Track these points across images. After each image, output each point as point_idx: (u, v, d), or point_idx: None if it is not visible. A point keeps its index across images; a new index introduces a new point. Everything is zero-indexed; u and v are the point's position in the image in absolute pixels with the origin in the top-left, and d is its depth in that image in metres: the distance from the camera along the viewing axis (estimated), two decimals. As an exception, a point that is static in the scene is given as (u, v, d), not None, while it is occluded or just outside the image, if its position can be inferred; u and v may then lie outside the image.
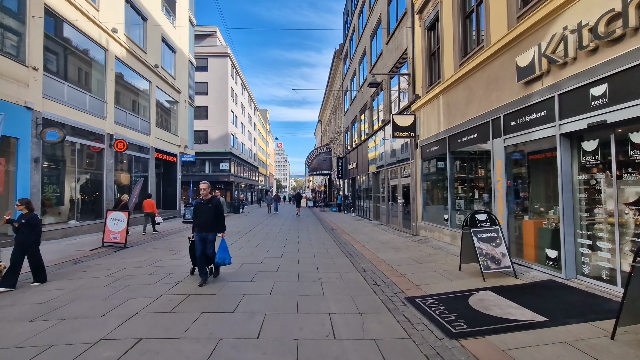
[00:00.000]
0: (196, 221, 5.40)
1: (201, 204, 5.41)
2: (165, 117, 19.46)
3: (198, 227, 5.36)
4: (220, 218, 5.51)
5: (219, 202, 5.60)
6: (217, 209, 5.43)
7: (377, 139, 15.91)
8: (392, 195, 13.55)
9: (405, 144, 11.72)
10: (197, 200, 5.54)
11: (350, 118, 24.01)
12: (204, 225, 5.33)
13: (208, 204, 5.38)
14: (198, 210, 5.40)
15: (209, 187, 5.50)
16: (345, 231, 12.64)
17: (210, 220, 5.34)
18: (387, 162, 13.90)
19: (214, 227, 5.42)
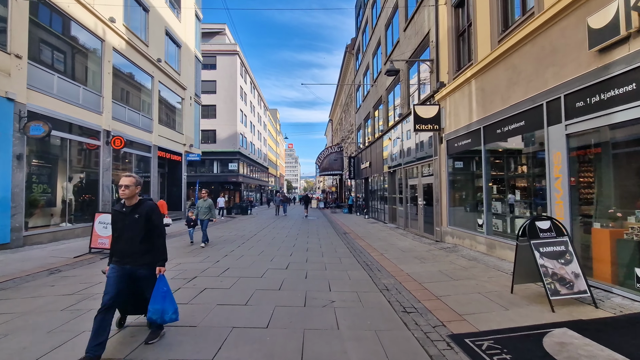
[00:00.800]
0: (114, 245, 3.19)
1: (121, 213, 3.17)
2: (170, 114, 18.65)
3: (117, 256, 3.14)
4: (155, 239, 3.23)
5: (154, 211, 3.23)
6: (148, 222, 3.16)
7: (393, 135, 14.66)
8: (411, 196, 12.29)
9: (427, 140, 10.47)
10: (116, 207, 3.28)
11: (362, 115, 22.80)
12: (126, 252, 3.12)
13: (134, 213, 3.15)
14: (117, 226, 3.17)
15: (135, 183, 3.18)
16: (359, 236, 11.45)
17: (136, 244, 3.12)
18: (405, 160, 12.64)
19: (144, 256, 3.18)
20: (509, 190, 6.80)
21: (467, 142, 7.86)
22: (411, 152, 12.03)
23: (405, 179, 12.81)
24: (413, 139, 11.80)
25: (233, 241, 10.13)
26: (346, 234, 12.29)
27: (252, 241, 10.13)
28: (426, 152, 10.60)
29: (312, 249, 8.68)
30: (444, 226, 9.14)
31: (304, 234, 12.29)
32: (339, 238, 11.10)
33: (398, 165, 13.62)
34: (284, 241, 10.18)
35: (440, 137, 9.29)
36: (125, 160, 14.23)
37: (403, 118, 12.84)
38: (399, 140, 13.54)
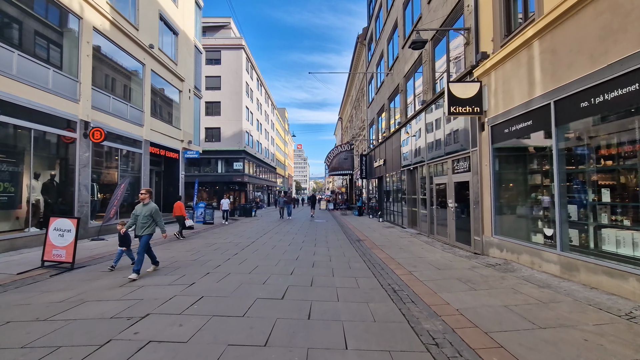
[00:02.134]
0: None
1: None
2: (165, 107, 17.10)
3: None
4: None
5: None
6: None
7: (412, 128, 12.75)
8: (437, 197, 10.36)
9: (461, 129, 8.56)
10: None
11: (375, 109, 20.91)
12: None
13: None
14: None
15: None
16: (375, 244, 9.59)
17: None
18: (431, 155, 10.73)
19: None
20: (591, 189, 4.86)
21: (525, 126, 5.93)
22: (439, 145, 10.12)
23: (430, 177, 10.89)
24: (442, 130, 9.89)
25: (224, 251, 8.38)
26: (360, 241, 10.44)
27: (247, 251, 8.37)
28: (460, 144, 8.68)
29: (320, 264, 6.85)
30: (487, 235, 7.21)
31: (311, 241, 10.48)
32: (351, 247, 9.26)
33: (420, 162, 11.70)
34: (286, 252, 8.39)
35: (482, 122, 7.36)
36: (110, 156, 12.68)
37: (427, 106, 10.93)
38: (422, 132, 11.63)
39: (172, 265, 6.70)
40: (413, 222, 13.27)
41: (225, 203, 16.72)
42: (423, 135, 11.46)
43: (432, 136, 10.74)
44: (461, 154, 8.47)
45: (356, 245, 9.53)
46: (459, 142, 8.81)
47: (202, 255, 7.88)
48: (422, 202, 11.73)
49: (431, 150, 10.75)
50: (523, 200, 6.45)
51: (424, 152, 11.27)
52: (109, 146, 12.27)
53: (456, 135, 9.01)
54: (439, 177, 10.16)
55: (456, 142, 8.98)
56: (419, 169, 11.93)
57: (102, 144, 11.63)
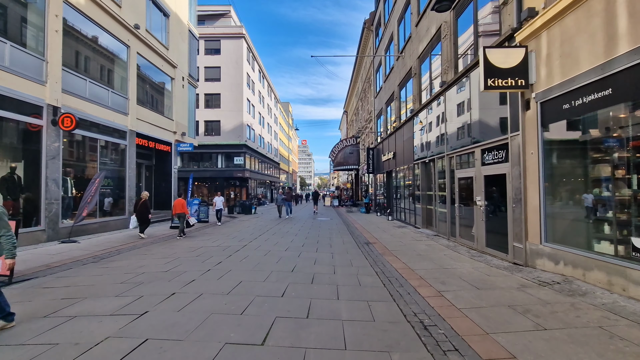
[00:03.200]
0: None
1: None
2: (156, 95, 15.72)
3: None
4: None
5: None
6: None
7: (428, 116, 11.22)
8: (460, 193, 8.83)
9: (495, 110, 7.02)
10: None
11: (384, 98, 19.32)
12: None
13: None
14: None
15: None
16: (388, 249, 8.12)
17: None
18: (453, 145, 9.20)
19: None
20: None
21: (598, 98, 4.39)
22: (463, 133, 8.58)
23: (451, 170, 9.36)
24: (466, 115, 8.34)
25: (207, 259, 6.97)
26: (369, 244, 8.98)
27: (234, 259, 6.95)
28: (493, 130, 7.15)
29: (321, 279, 5.40)
30: (534, 242, 5.69)
31: (312, 244, 9.04)
32: (360, 252, 7.80)
33: (438, 154, 10.16)
34: (281, 259, 6.95)
35: (526, 100, 5.82)
36: (88, 148, 11.33)
37: (446, 87, 9.38)
38: (440, 119, 10.08)
39: (134, 280, 5.29)
40: (428, 221, 11.77)
41: (218, 201, 14.92)
42: (442, 122, 9.91)
43: (454, 123, 9.19)
44: (494, 142, 6.93)
45: (365, 250, 8.07)
46: (491, 128, 7.27)
47: (179, 264, 6.48)
48: (441, 199, 10.21)
49: (452, 140, 9.22)
50: (589, 197, 4.91)
51: (443, 142, 9.74)
52: (86, 136, 10.92)
53: (488, 120, 7.47)
54: (463, 171, 8.63)
55: (487, 128, 7.44)
56: (436, 161, 10.39)
57: (77, 133, 10.30)
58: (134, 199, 13.21)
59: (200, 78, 31.44)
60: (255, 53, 36.58)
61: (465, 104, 8.43)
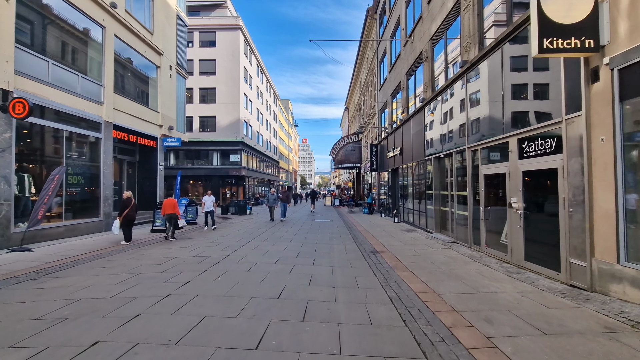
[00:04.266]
0: None
1: None
2: (138, 85, 14.27)
3: None
4: None
5: None
6: None
7: (444, 105, 9.76)
8: (487, 193, 7.35)
9: (541, 87, 5.54)
10: None
11: (389, 90, 17.85)
12: None
13: None
14: None
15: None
16: (400, 260, 6.67)
17: None
18: (476, 136, 7.73)
19: None
20: None
21: None
22: (491, 120, 7.11)
23: (474, 166, 7.88)
24: (496, 99, 6.86)
25: (174, 276, 5.52)
26: (376, 253, 7.52)
27: (208, 278, 5.49)
28: (537, 114, 5.68)
29: (318, 309, 3.93)
30: (607, 260, 4.20)
31: (309, 253, 7.57)
32: (366, 266, 6.33)
33: (457, 147, 8.69)
34: (268, 277, 5.48)
35: (593, 68, 4.34)
36: (53, 140, 9.88)
37: (469, 67, 7.90)
38: (460, 107, 8.61)
39: (58, 313, 3.84)
40: (442, 225, 10.30)
41: (208, 201, 12.68)
42: (461, 110, 8.43)
43: (478, 110, 7.72)
44: (539, 129, 5.45)
45: (372, 262, 6.61)
46: (533, 111, 5.80)
47: (135, 283, 5.03)
48: (460, 199, 8.74)
49: (476, 130, 7.75)
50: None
51: (464, 133, 8.26)
52: (49, 126, 9.47)
53: (527, 102, 5.99)
54: (491, 166, 7.14)
55: (527, 112, 5.96)
56: (454, 156, 8.91)
57: (38, 123, 8.86)
58: (110, 199, 11.79)
59: (195, 71, 30.02)
60: (253, 46, 35.08)
61: (494, 85, 6.95)
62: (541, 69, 5.53)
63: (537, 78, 5.74)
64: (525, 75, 6.14)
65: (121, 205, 9.24)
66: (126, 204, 9.14)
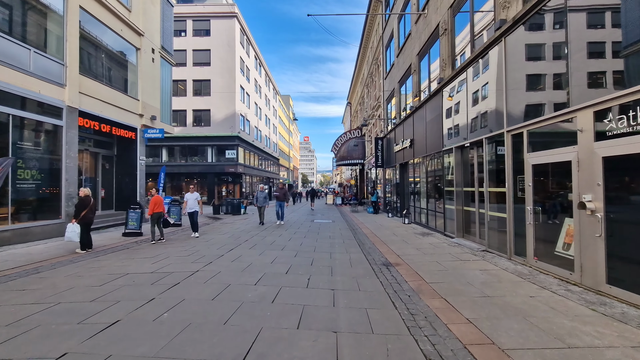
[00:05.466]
0: None
1: None
2: (113, 68, 12.58)
3: None
4: None
5: None
6: None
7: (475, 81, 8.01)
8: (536, 190, 5.60)
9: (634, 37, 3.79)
10: None
11: (397, 76, 16.07)
12: None
13: None
14: None
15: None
16: (425, 280, 4.95)
17: None
18: (517, 118, 5.97)
19: None
20: None
21: None
22: (550, 92, 5.36)
23: (514, 156, 6.14)
24: (557, 65, 5.11)
25: (108, 306, 3.84)
26: (390, 267, 5.81)
27: (152, 311, 3.78)
28: (627, 72, 3.94)
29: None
30: None
31: (303, 267, 5.85)
32: (380, 288, 4.59)
33: (490, 133, 6.94)
34: (239, 311, 3.76)
35: None
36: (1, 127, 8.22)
37: (510, 28, 6.14)
38: (494, 83, 6.85)
39: None
40: (466, 228, 8.57)
41: (191, 200, 10.20)
42: (497, 86, 6.68)
43: (523, 82, 5.96)
44: (631, 94, 3.71)
45: (387, 282, 4.89)
46: (618, 68, 4.05)
47: (37, 324, 3.34)
48: (494, 198, 6.99)
49: (520, 108, 6.00)
50: None
51: (500, 114, 6.50)
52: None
53: (607, 57, 4.24)
54: (544, 153, 5.39)
55: (607, 70, 4.22)
56: (486, 144, 7.15)
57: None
58: (75, 197, 10.10)
59: (188, 62, 28.35)
60: (251, 37, 33.31)
61: (550, 44, 5.19)
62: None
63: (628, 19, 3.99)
64: (604, 17, 4.39)
65: (77, 205, 7.56)
66: (84, 204, 7.49)
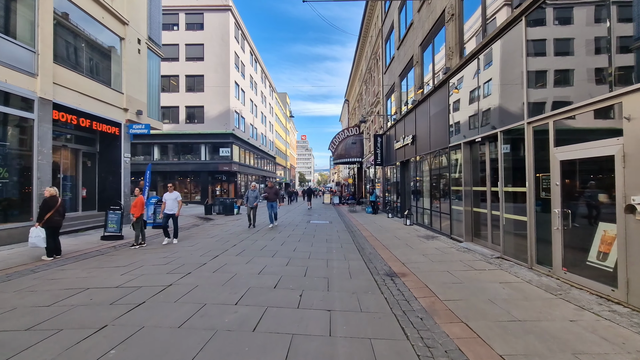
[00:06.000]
0: None
1: None
2: (95, 58, 11.71)
3: None
4: None
5: None
6: None
7: (488, 69, 7.26)
8: (566, 189, 4.84)
9: None
10: None
11: (397, 70, 15.30)
12: None
13: None
14: None
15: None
16: (438, 296, 4.18)
17: None
18: (540, 106, 5.20)
19: None
20: None
21: None
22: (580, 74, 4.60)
23: (537, 150, 5.39)
24: (590, 46, 4.35)
25: (38, 342, 3.02)
26: (395, 278, 5.05)
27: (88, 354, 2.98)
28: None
29: None
30: None
31: (295, 281, 5.05)
32: (386, 307, 3.82)
33: (509, 125, 6.18)
34: (209, 345, 2.98)
35: None
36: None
37: (532, 3, 5.37)
38: (513, 66, 6.08)
39: None
40: (476, 232, 7.82)
41: (169, 200, 8.76)
42: (516, 69, 5.91)
43: (548, 61, 5.20)
44: None
45: (394, 300, 4.12)
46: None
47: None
48: (511, 198, 6.24)
49: (543, 96, 5.23)
50: None
51: (521, 103, 5.73)
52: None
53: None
54: (576, 147, 4.62)
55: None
56: (501, 138, 6.39)
57: None
58: (48, 198, 9.24)
59: (181, 57, 27.45)
60: (246, 31, 32.41)
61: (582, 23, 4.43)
62: None
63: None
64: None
65: (41, 207, 6.72)
66: (48, 206, 6.66)
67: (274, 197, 11.81)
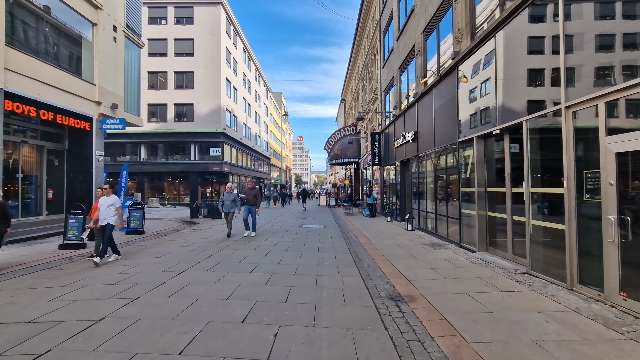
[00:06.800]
0: None
1: None
2: (61, 44, 10.49)
3: None
4: None
5: None
6: None
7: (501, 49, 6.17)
8: (627, 189, 3.73)
9: None
10: None
11: (396, 63, 14.22)
12: None
13: None
14: None
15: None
16: (463, 336, 3.00)
17: None
18: (587, 85, 4.09)
19: None
20: None
21: None
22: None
23: (578, 141, 4.28)
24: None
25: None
26: (402, 303, 3.91)
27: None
28: None
29: None
30: None
31: (273, 310, 3.87)
32: (395, 356, 2.69)
33: (540, 111, 5.07)
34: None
35: None
36: None
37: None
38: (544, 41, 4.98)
39: None
40: (492, 240, 6.69)
41: (104, 207, 6.62)
42: (546, 51, 4.80)
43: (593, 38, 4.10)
44: None
45: (403, 341, 2.98)
46: None
47: None
48: (539, 200, 5.12)
49: (588, 72, 4.13)
50: None
51: (558, 83, 4.61)
52: None
53: None
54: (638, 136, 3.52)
55: None
56: (527, 128, 5.27)
57: None
58: None
59: (169, 52, 26.22)
60: (239, 27, 31.25)
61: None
62: None
63: None
64: None
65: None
66: None
67: (253, 200, 9.95)
